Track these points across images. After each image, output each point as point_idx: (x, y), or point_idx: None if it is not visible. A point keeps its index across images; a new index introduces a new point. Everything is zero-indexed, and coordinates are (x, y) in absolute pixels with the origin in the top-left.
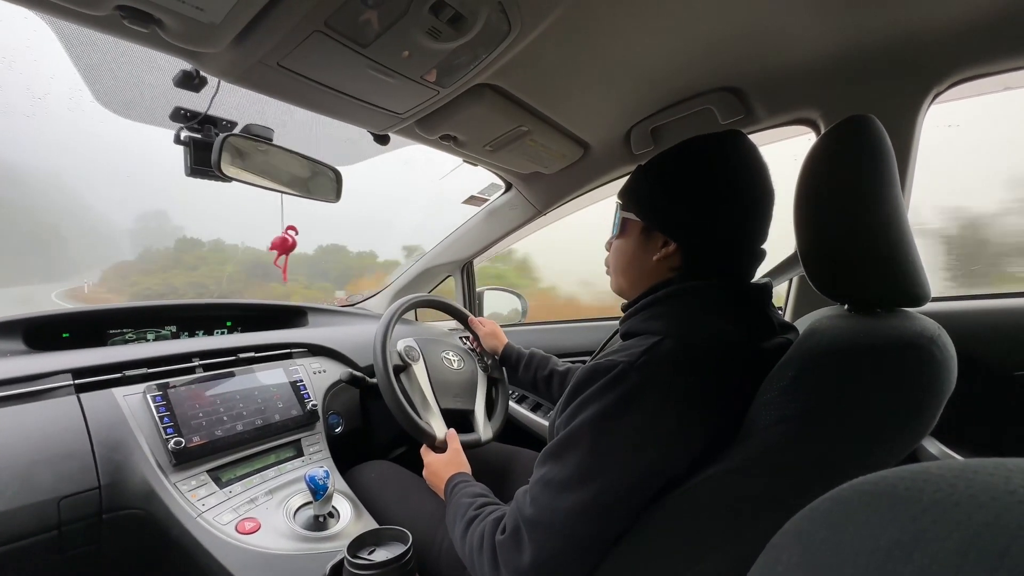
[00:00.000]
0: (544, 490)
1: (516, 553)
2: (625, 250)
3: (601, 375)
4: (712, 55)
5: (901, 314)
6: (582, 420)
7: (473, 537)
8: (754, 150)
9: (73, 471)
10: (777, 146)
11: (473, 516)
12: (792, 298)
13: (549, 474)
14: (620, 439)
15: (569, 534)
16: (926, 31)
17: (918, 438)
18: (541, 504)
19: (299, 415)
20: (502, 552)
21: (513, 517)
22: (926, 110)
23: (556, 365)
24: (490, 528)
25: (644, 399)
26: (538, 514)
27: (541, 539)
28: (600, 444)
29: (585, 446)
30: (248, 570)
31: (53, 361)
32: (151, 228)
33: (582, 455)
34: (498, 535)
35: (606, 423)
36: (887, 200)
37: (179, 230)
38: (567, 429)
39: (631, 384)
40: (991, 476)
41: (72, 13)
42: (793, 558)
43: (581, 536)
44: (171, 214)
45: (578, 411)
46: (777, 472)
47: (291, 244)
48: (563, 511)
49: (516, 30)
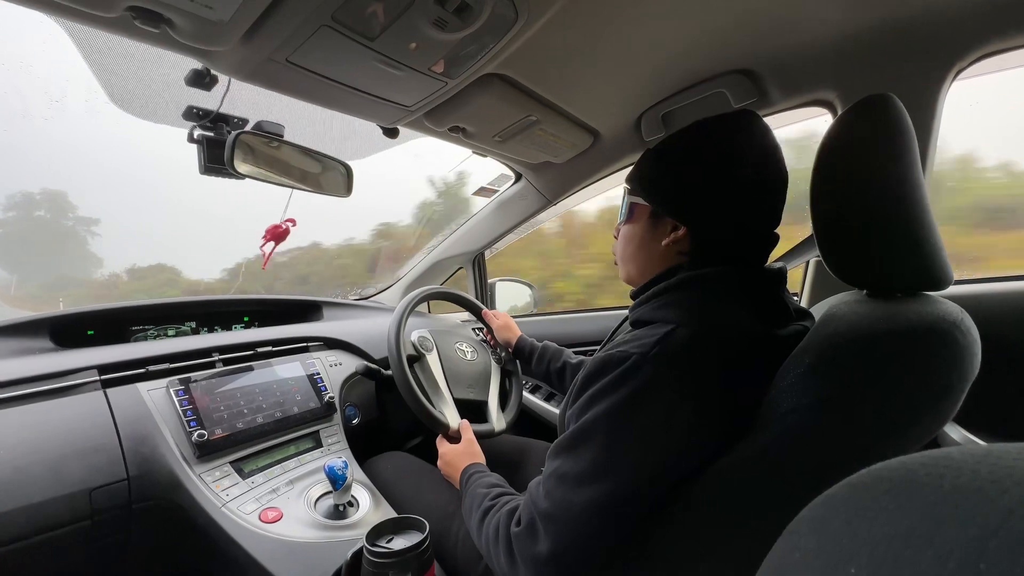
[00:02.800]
0: (559, 484)
1: (532, 544)
2: (633, 236)
3: (614, 367)
4: (724, 37)
5: (922, 298)
6: (595, 414)
7: (489, 528)
8: (767, 131)
9: (102, 463)
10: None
11: (489, 507)
12: (808, 283)
13: (563, 468)
14: (634, 434)
15: (585, 527)
16: (947, 4)
17: (940, 424)
18: (556, 498)
19: (317, 407)
20: (518, 543)
21: (528, 510)
22: (948, 87)
23: (569, 358)
24: (505, 519)
25: (658, 393)
26: (553, 508)
27: (557, 532)
28: (614, 439)
29: (599, 441)
30: (272, 558)
31: (79, 358)
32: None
33: (596, 450)
34: (513, 527)
35: (620, 418)
36: (907, 181)
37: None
38: (580, 422)
39: (645, 377)
40: (1015, 461)
41: (84, 15)
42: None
43: (597, 529)
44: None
45: (590, 404)
46: (795, 460)
47: (283, 233)
48: (578, 505)
49: (523, 18)
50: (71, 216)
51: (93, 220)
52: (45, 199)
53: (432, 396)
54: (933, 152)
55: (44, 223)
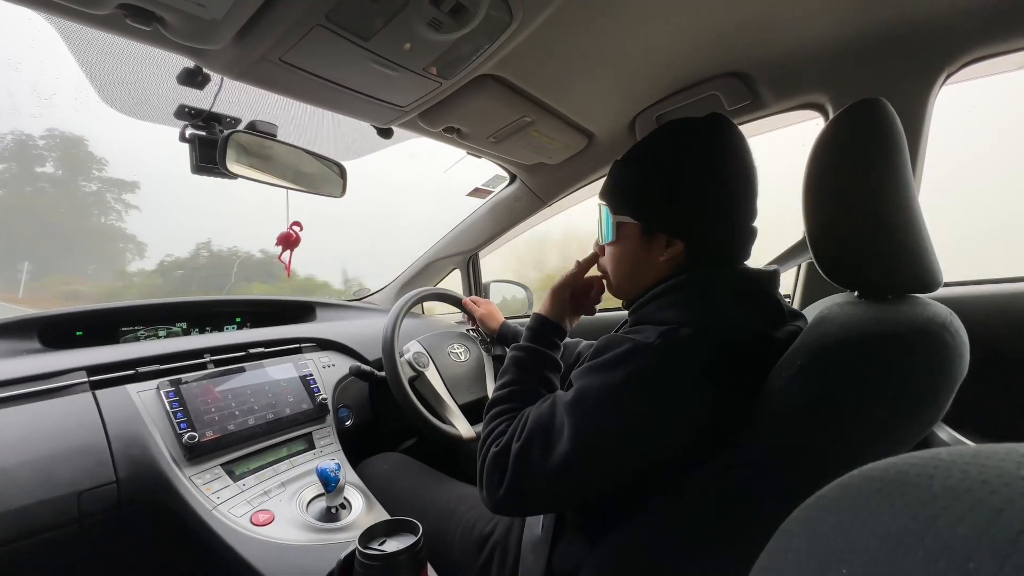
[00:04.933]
0: (539, 434)
1: (496, 480)
2: (626, 256)
3: (616, 346)
4: (718, 40)
5: (912, 300)
6: (588, 383)
7: (489, 435)
8: (737, 129)
9: (91, 466)
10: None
11: (502, 411)
12: (800, 285)
13: (547, 417)
14: (620, 418)
15: (548, 480)
16: (937, 9)
17: (930, 425)
18: (529, 451)
19: (309, 409)
20: (487, 475)
21: (508, 440)
22: (938, 92)
23: None
24: (495, 438)
25: (653, 383)
26: (522, 451)
27: (517, 478)
28: (598, 417)
29: (585, 412)
30: (263, 561)
31: (68, 359)
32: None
33: (580, 420)
34: (493, 447)
35: (610, 398)
36: (898, 184)
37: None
38: (575, 387)
39: (642, 364)
40: (1003, 461)
41: (75, 12)
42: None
43: (559, 488)
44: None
45: (587, 374)
46: (786, 460)
47: (295, 239)
48: (547, 467)
49: (518, 19)
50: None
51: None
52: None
53: (438, 410)
54: (923, 155)
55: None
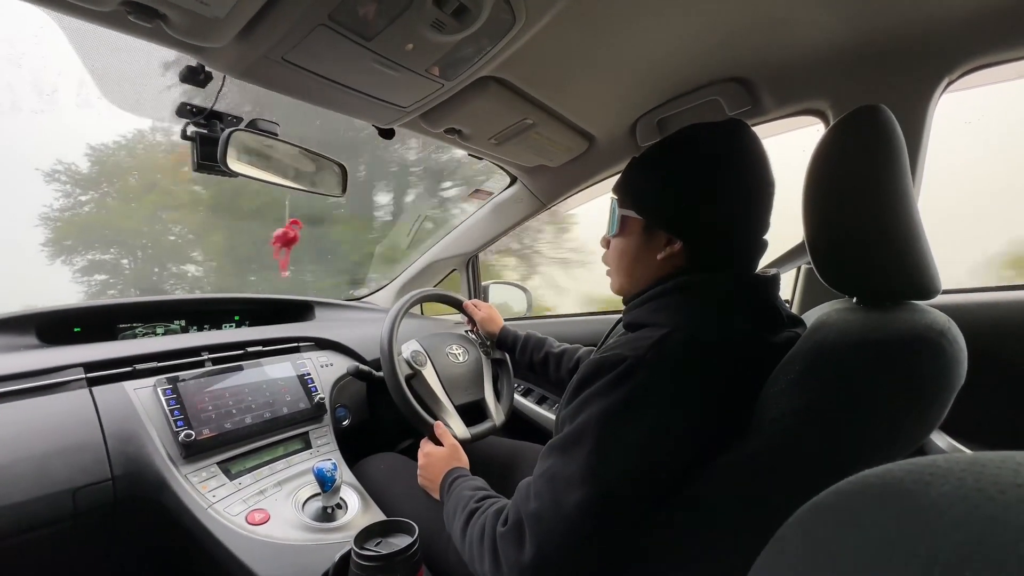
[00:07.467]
0: (548, 485)
1: (517, 548)
2: (627, 250)
3: (608, 370)
4: (720, 45)
5: (910, 307)
6: (588, 416)
7: (474, 530)
8: (757, 140)
9: (87, 463)
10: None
11: (474, 508)
12: (799, 290)
13: (553, 469)
14: (626, 439)
15: (571, 531)
16: (938, 17)
17: (926, 432)
18: (545, 499)
19: (307, 408)
20: (503, 544)
21: (516, 510)
22: (938, 99)
23: (551, 347)
24: (491, 520)
25: (652, 398)
26: (541, 509)
27: (543, 534)
28: (606, 443)
29: (590, 444)
30: (258, 560)
31: (65, 355)
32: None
33: (587, 453)
34: (499, 527)
35: (612, 422)
36: (897, 191)
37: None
38: (573, 424)
39: (638, 382)
40: (999, 469)
41: (78, 9)
42: (798, 550)
43: (583, 534)
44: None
45: (584, 406)
46: (783, 466)
47: (292, 237)
48: (567, 507)
49: (521, 21)
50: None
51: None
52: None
53: (434, 409)
54: (923, 163)
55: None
